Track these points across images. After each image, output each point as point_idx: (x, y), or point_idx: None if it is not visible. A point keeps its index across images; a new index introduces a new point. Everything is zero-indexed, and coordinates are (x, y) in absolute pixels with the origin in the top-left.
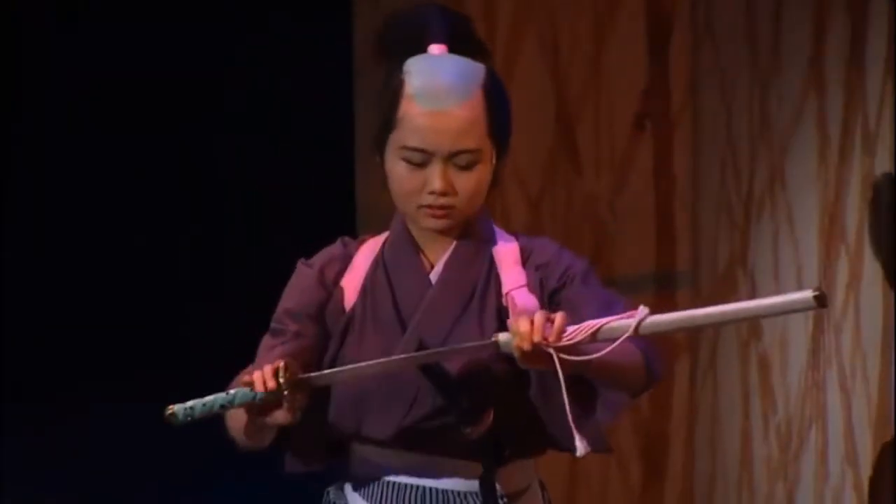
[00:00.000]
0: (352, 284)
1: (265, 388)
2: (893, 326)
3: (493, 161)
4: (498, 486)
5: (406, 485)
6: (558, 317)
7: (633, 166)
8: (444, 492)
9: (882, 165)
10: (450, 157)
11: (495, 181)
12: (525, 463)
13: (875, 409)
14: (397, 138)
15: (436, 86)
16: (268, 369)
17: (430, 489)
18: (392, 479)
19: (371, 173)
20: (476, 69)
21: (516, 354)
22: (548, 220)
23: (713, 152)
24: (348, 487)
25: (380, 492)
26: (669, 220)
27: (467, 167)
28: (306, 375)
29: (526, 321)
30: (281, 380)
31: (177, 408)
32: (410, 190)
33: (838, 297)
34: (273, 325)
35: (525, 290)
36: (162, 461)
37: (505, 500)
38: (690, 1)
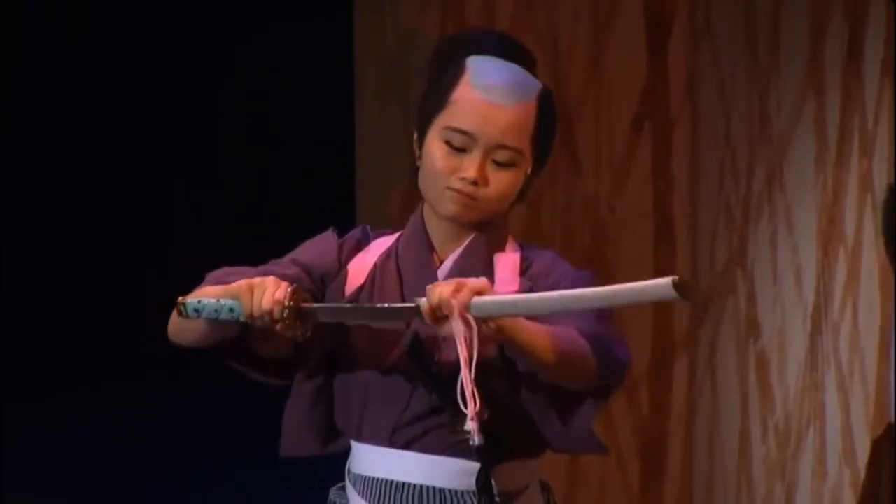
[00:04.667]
0: (358, 270)
1: (270, 302)
2: (891, 326)
3: (528, 172)
4: (495, 485)
5: (404, 484)
6: (468, 285)
7: (632, 166)
8: (442, 490)
9: (879, 166)
10: (491, 150)
11: (522, 196)
12: (523, 462)
13: (873, 408)
14: (444, 119)
15: (496, 80)
16: (280, 290)
17: (428, 488)
18: (390, 478)
19: (371, 174)
20: (534, 82)
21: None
22: (547, 220)
23: (712, 153)
24: (349, 486)
25: (378, 491)
26: (668, 221)
27: (504, 165)
28: (309, 306)
29: (434, 288)
30: (288, 303)
31: (189, 301)
32: (443, 170)
33: (836, 297)
34: (273, 261)
35: None
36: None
37: (500, 499)
38: (689, 1)
